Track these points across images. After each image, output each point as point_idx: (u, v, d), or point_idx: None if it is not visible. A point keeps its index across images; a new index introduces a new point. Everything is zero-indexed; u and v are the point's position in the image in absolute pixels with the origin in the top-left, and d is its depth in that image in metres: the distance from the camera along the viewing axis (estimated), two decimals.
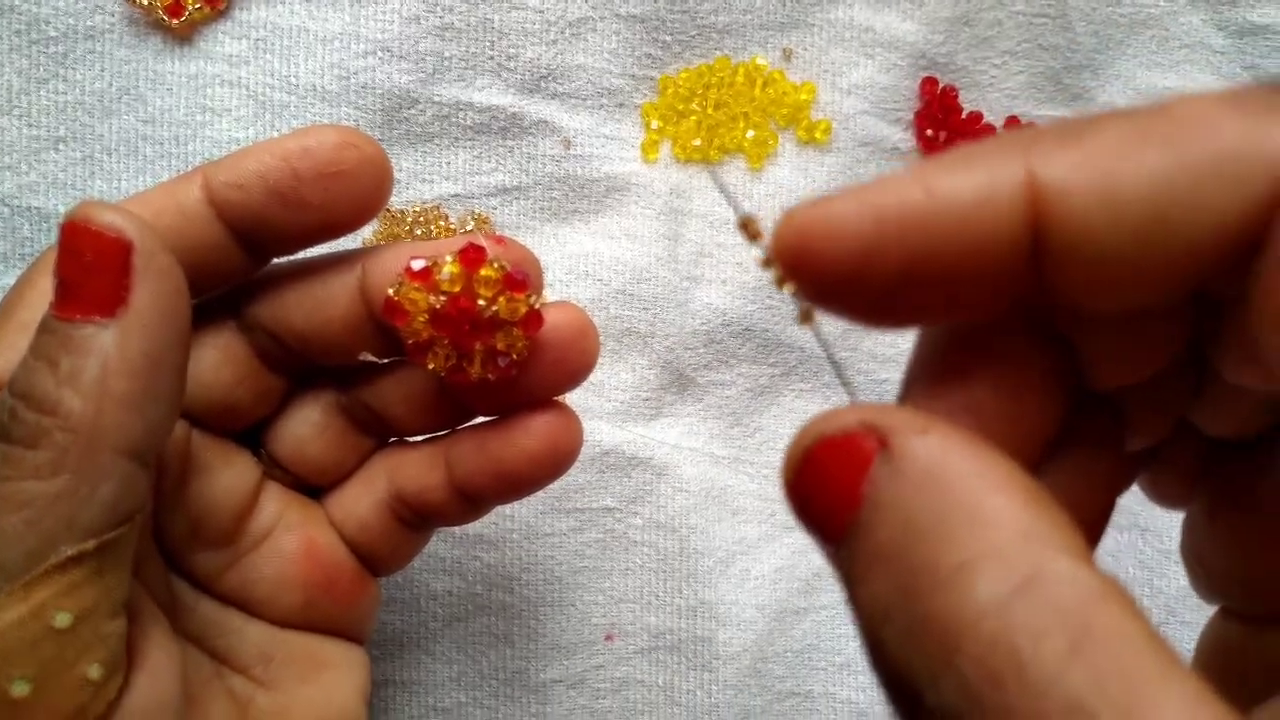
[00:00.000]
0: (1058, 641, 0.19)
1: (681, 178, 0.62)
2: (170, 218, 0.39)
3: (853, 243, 0.24)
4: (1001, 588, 0.20)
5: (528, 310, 0.41)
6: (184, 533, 0.43)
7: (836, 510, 0.24)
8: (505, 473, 0.44)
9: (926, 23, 0.62)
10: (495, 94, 0.60)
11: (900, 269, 0.24)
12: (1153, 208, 0.22)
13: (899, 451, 0.23)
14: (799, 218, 0.25)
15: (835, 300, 0.25)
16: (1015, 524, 0.21)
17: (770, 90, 0.62)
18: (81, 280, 0.33)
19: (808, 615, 0.63)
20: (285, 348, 0.43)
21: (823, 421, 0.25)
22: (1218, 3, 0.65)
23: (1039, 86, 0.65)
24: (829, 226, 0.24)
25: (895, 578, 0.22)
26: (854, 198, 0.24)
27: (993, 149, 0.24)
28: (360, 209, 0.41)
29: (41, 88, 0.57)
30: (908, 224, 0.23)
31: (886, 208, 0.23)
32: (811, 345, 0.64)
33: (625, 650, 0.61)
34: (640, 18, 0.61)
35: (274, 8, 0.58)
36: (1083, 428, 0.29)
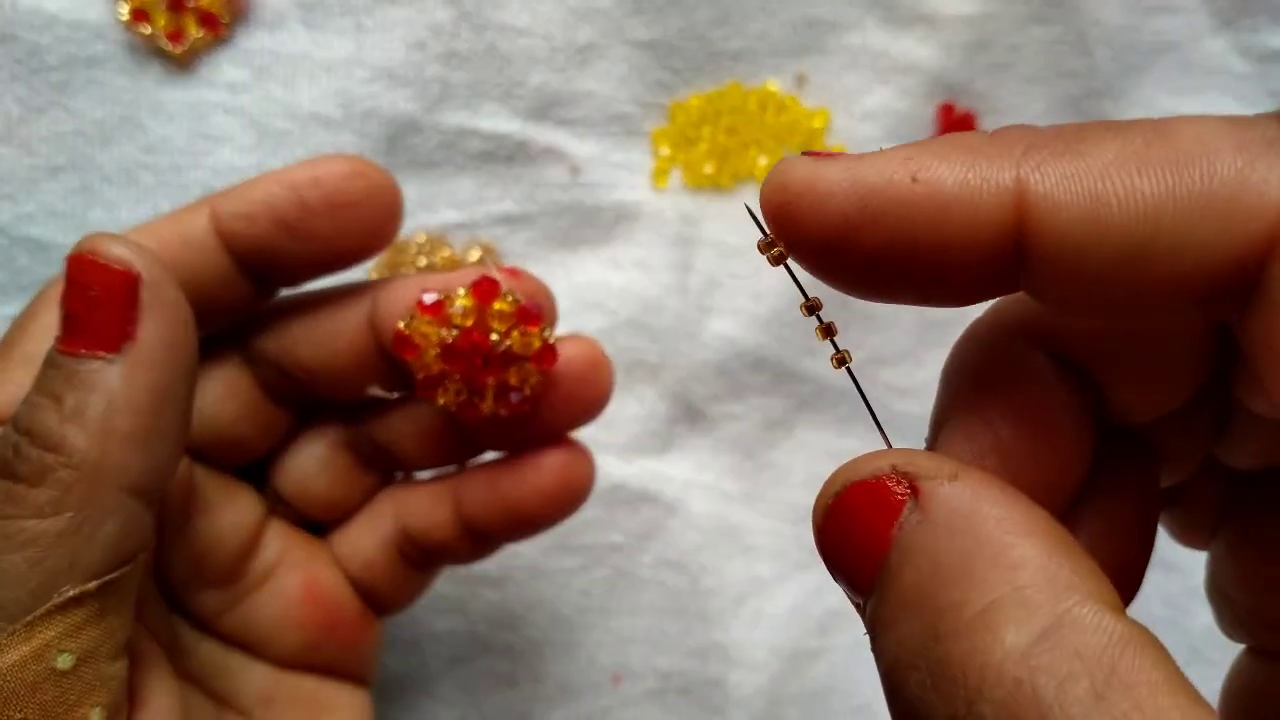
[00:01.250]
0: (1081, 687, 0.19)
1: (692, 206, 0.61)
2: (176, 249, 0.38)
3: (835, 215, 0.24)
4: (1026, 632, 0.20)
5: (541, 345, 0.40)
6: (186, 571, 0.42)
7: (866, 555, 0.24)
8: (515, 511, 0.43)
9: (943, 48, 0.61)
10: (501, 121, 0.59)
11: (880, 247, 0.24)
12: (1139, 236, 0.22)
13: (929, 497, 0.23)
14: (788, 177, 0.25)
15: (816, 265, 0.26)
16: (1041, 569, 0.21)
17: (783, 116, 0.61)
18: (87, 314, 0.32)
19: (823, 656, 0.61)
20: (291, 381, 0.42)
21: (854, 466, 0.25)
22: (1240, 29, 0.64)
23: (1058, 113, 0.63)
24: (815, 194, 0.24)
25: (921, 621, 0.22)
26: (843, 169, 0.24)
27: (987, 146, 0.23)
28: (370, 240, 0.40)
29: (40, 116, 0.56)
30: (890, 206, 0.23)
31: (872, 186, 0.24)
32: (825, 377, 0.62)
33: (633, 693, 0.59)
34: (650, 43, 0.59)
35: (276, 34, 0.57)
36: (1116, 467, 0.28)
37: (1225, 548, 0.32)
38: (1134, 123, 0.23)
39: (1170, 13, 0.63)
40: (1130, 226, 0.22)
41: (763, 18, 0.60)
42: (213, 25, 0.57)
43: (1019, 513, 0.23)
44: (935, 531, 0.23)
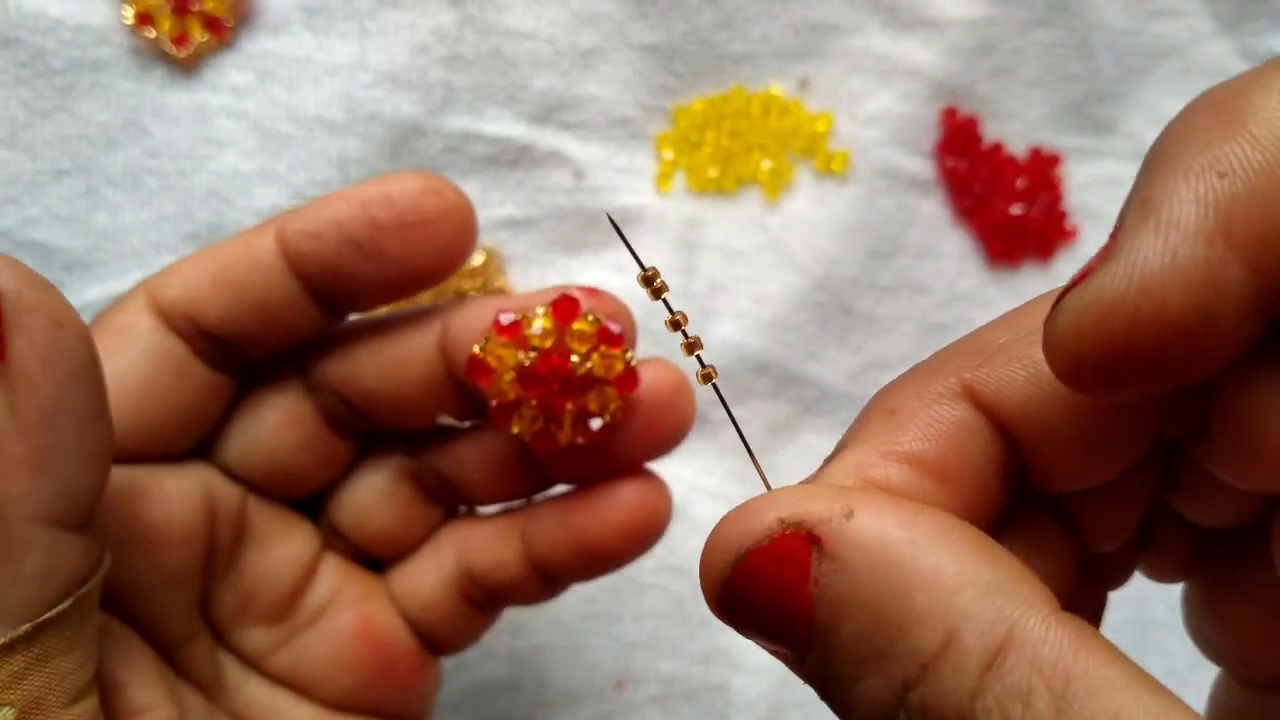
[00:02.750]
0: (1042, 701, 0.20)
1: (696, 209, 0.61)
2: (240, 270, 0.37)
3: (1178, 327, 0.21)
4: (983, 659, 0.21)
5: (624, 367, 0.38)
6: (234, 607, 0.40)
7: (787, 617, 0.23)
8: (589, 548, 0.40)
9: (946, 51, 0.61)
10: (505, 125, 0.59)
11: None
12: None
13: (835, 543, 0.23)
14: (1099, 307, 0.22)
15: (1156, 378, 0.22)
16: (976, 582, 0.21)
17: (786, 120, 0.61)
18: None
19: None
20: (355, 410, 0.40)
21: (741, 528, 0.24)
22: (1241, 32, 0.64)
23: (1061, 116, 0.64)
24: (1151, 308, 0.21)
25: (884, 674, 0.22)
26: (1121, 280, 0.21)
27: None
28: (443, 260, 0.38)
29: (45, 120, 0.56)
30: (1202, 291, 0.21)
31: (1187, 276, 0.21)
32: (829, 381, 0.62)
33: (637, 698, 0.59)
34: (653, 47, 0.59)
35: (280, 38, 0.57)
36: (1026, 535, 0.28)
37: (1197, 589, 0.32)
38: None
39: (1172, 16, 0.63)
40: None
41: (766, 21, 0.60)
42: (217, 29, 0.57)
43: (927, 527, 0.22)
44: (856, 577, 0.22)
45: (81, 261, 0.57)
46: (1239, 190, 0.21)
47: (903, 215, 0.62)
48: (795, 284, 0.61)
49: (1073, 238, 0.64)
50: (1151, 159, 0.23)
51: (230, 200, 0.57)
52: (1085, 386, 0.23)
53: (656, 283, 0.29)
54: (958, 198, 0.63)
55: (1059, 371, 0.23)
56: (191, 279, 0.37)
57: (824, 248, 0.61)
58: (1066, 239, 0.64)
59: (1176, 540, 0.31)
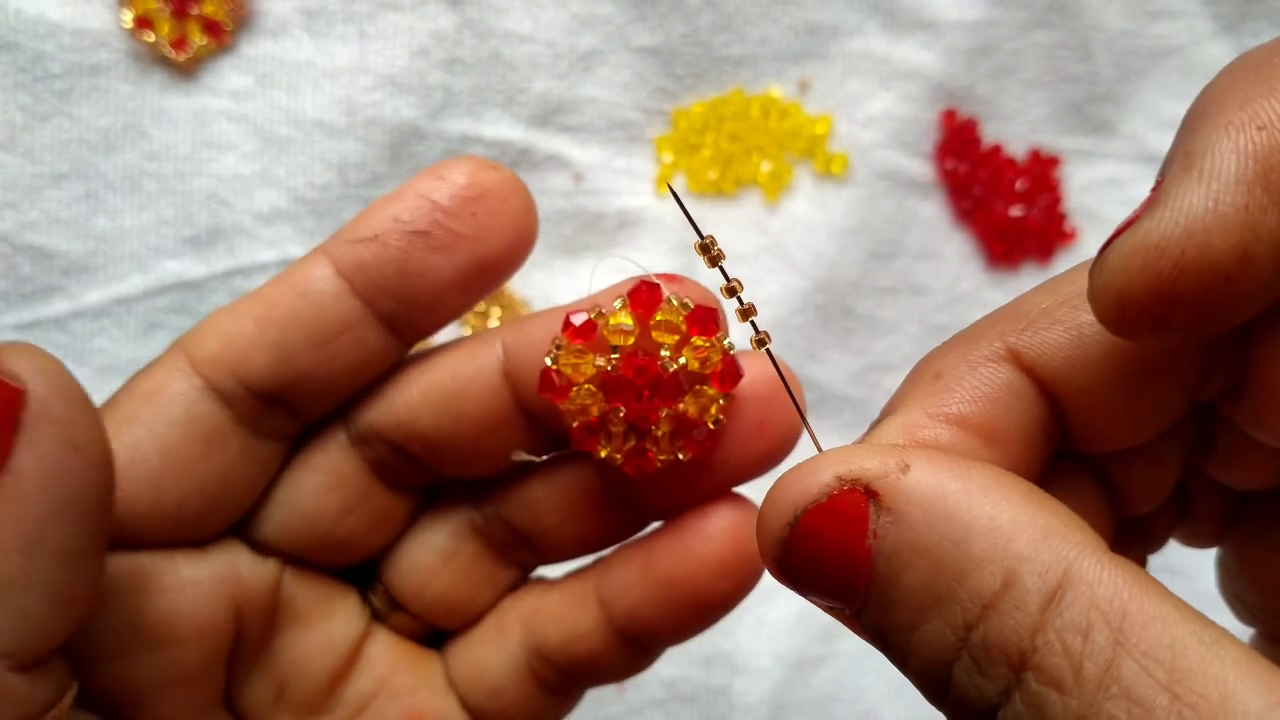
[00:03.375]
0: (1103, 636, 0.21)
1: (695, 211, 0.61)
2: (287, 303, 0.32)
3: (1218, 269, 0.22)
4: (1042, 597, 0.21)
5: (723, 358, 0.31)
6: (266, 699, 0.36)
7: (848, 573, 0.24)
8: (682, 596, 0.34)
9: (945, 53, 0.61)
10: (505, 127, 0.59)
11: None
12: None
13: (891, 497, 0.23)
14: (1151, 247, 0.23)
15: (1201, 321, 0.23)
16: (1031, 527, 0.22)
17: (786, 122, 0.61)
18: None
19: (827, 663, 0.60)
20: (410, 460, 0.35)
21: (799, 488, 0.24)
22: (1241, 33, 0.64)
23: (1060, 118, 0.64)
24: (1197, 250, 0.22)
25: (945, 617, 0.23)
26: (1186, 232, 0.22)
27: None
28: (516, 236, 0.33)
29: (44, 124, 0.56)
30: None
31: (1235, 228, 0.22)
32: (830, 383, 0.62)
33: (638, 700, 0.59)
34: (652, 50, 0.59)
35: (280, 42, 0.57)
36: (1066, 496, 0.28)
37: (1231, 554, 0.32)
38: None
39: (1171, 18, 0.63)
40: None
41: (765, 24, 0.60)
42: (216, 33, 0.57)
43: (980, 479, 0.23)
44: (914, 527, 0.23)
45: (81, 265, 0.56)
46: (1277, 142, 0.22)
47: (903, 217, 0.62)
48: (796, 286, 0.61)
49: (1072, 239, 0.64)
50: (1192, 114, 0.24)
51: (230, 203, 0.57)
52: (1129, 329, 0.23)
53: (714, 250, 0.28)
54: (958, 199, 0.63)
55: (1104, 315, 0.23)
56: (232, 328, 0.33)
57: (824, 250, 0.61)
58: (1066, 240, 0.64)
59: (1211, 505, 0.31)
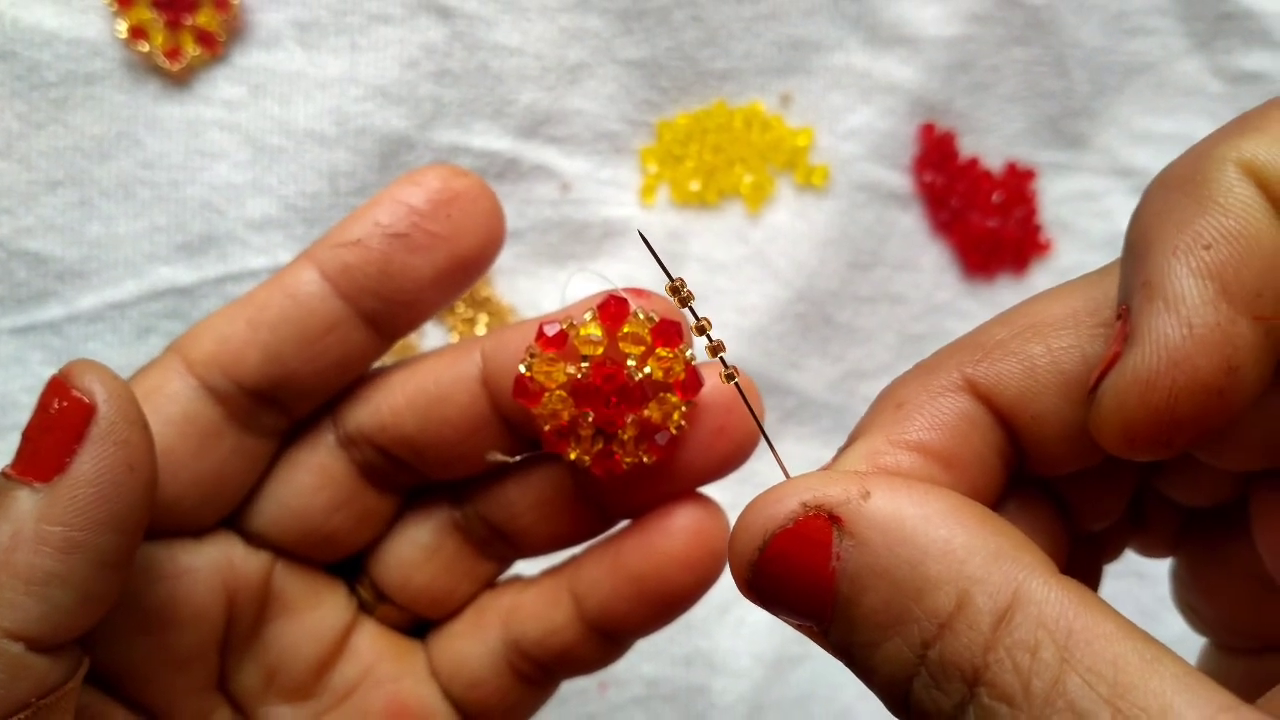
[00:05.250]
0: (1048, 651, 0.22)
1: (679, 221, 0.62)
2: (277, 306, 0.35)
3: (1212, 392, 0.24)
4: (993, 617, 0.23)
5: (685, 368, 0.34)
6: (257, 683, 0.38)
7: (814, 593, 0.25)
8: (649, 591, 0.36)
9: (925, 68, 0.63)
10: (492, 138, 0.60)
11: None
12: None
13: (853, 523, 0.25)
14: (1155, 385, 0.24)
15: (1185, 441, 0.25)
16: (983, 550, 0.24)
17: (768, 135, 0.62)
18: (38, 437, 0.30)
19: (804, 663, 0.62)
20: (395, 461, 0.37)
21: (766, 513, 0.26)
22: (1214, 50, 0.65)
23: (1036, 132, 0.65)
24: (1191, 381, 0.24)
25: (905, 636, 0.24)
26: (1164, 359, 0.24)
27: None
28: (488, 235, 0.36)
29: (39, 132, 0.57)
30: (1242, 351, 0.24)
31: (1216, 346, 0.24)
32: (809, 390, 0.63)
33: (619, 699, 0.60)
34: (638, 63, 0.61)
35: (272, 53, 0.58)
36: (1022, 516, 0.30)
37: (1184, 565, 0.34)
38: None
39: (1146, 34, 0.64)
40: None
41: (749, 38, 0.61)
42: (210, 43, 0.58)
43: (936, 504, 0.25)
44: (874, 551, 0.24)
45: (75, 271, 0.57)
46: (1225, 256, 0.23)
47: (881, 228, 0.63)
48: (776, 295, 0.62)
49: (1047, 251, 0.65)
50: (1134, 243, 0.25)
51: (222, 211, 0.58)
52: (1139, 454, 0.25)
53: (684, 292, 0.30)
54: (935, 211, 0.64)
55: (1112, 447, 0.25)
56: (225, 329, 0.35)
57: (805, 260, 0.62)
58: (1041, 251, 0.65)
59: (1164, 519, 0.33)
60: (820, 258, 0.63)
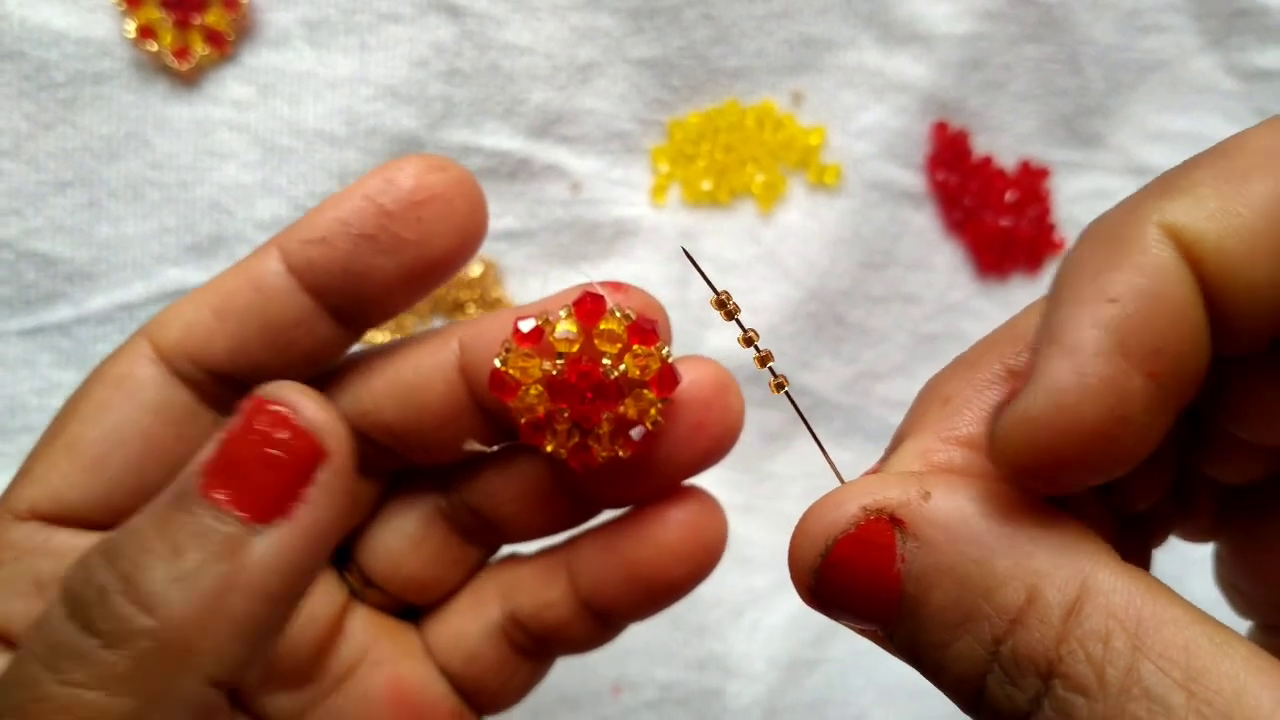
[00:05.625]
0: (1120, 640, 0.23)
1: (691, 221, 0.62)
2: (244, 297, 0.34)
3: (1092, 433, 0.24)
4: (1063, 609, 0.23)
5: (661, 366, 0.34)
6: (255, 671, 0.37)
7: (880, 597, 0.25)
8: (642, 578, 0.37)
9: (937, 66, 0.62)
10: (503, 138, 0.60)
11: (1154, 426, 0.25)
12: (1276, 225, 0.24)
13: (915, 524, 0.25)
14: (1029, 433, 0.24)
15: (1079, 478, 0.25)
16: (1047, 543, 0.24)
17: (780, 133, 0.62)
18: (254, 470, 0.27)
19: (819, 667, 0.61)
20: (376, 447, 0.37)
21: (828, 520, 0.26)
22: (1228, 47, 0.65)
23: (1050, 130, 0.65)
24: (1068, 423, 0.24)
25: (975, 634, 0.24)
26: (1049, 398, 0.24)
27: (1123, 215, 0.25)
28: (462, 238, 0.35)
29: (47, 132, 0.57)
30: (1125, 399, 0.24)
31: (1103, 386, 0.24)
32: (823, 390, 0.63)
33: (633, 703, 0.59)
34: (649, 62, 0.60)
35: (282, 52, 0.58)
36: (1071, 506, 0.30)
37: (1227, 546, 0.34)
38: (1200, 154, 0.25)
39: (1160, 32, 0.64)
40: (1267, 223, 0.24)
41: (760, 36, 0.61)
42: (219, 43, 0.57)
43: (997, 500, 0.25)
44: (939, 550, 0.25)
45: (84, 272, 0.57)
46: (1129, 312, 0.24)
47: (894, 227, 0.63)
48: (789, 295, 0.62)
49: (1061, 249, 0.65)
50: (1054, 288, 0.26)
51: (231, 212, 0.58)
52: (1028, 487, 0.25)
53: (730, 305, 0.30)
54: (948, 210, 0.63)
55: (1005, 475, 0.25)
56: (192, 317, 0.35)
57: (817, 259, 0.62)
58: (1055, 250, 0.65)
59: (1207, 500, 0.33)
60: (832, 257, 0.62)
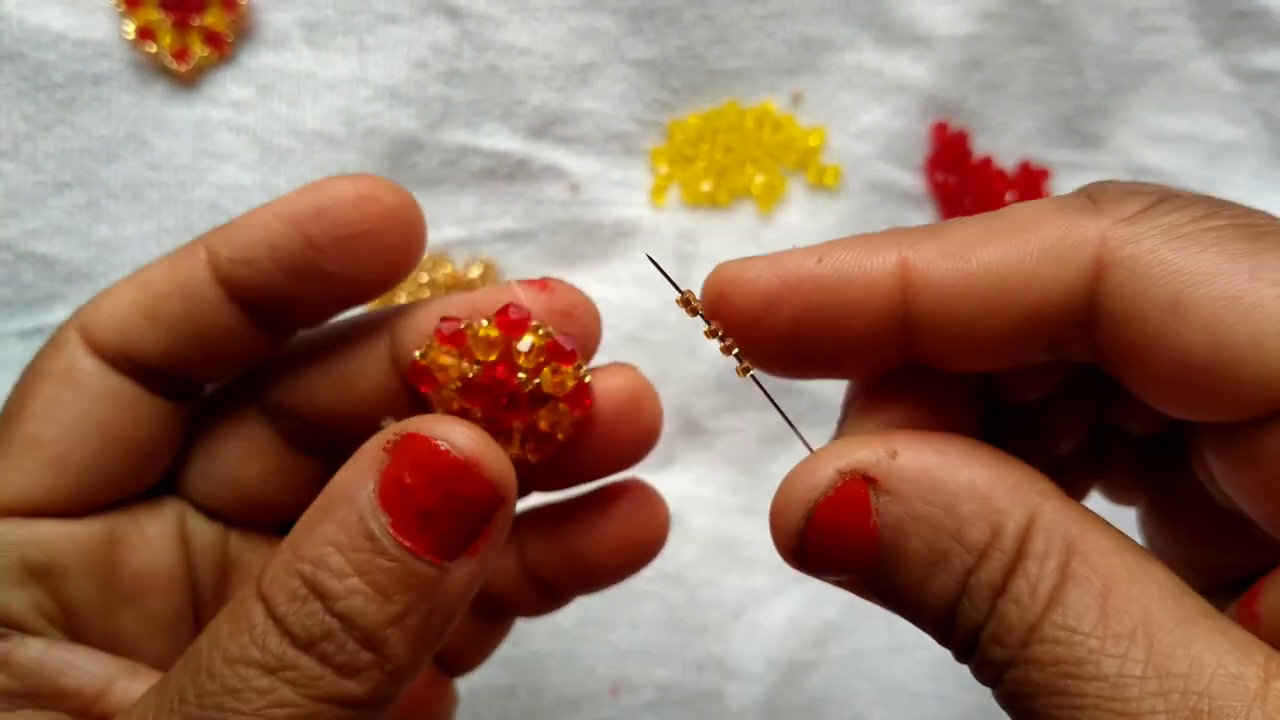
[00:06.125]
0: (1053, 562, 0.26)
1: (690, 222, 0.62)
2: (175, 303, 0.35)
3: (759, 294, 0.29)
4: (1015, 538, 0.27)
5: (575, 384, 0.35)
6: None
7: (859, 548, 0.28)
8: (584, 566, 0.39)
9: (937, 67, 0.62)
10: (502, 139, 0.60)
11: (798, 318, 0.29)
12: (997, 282, 0.28)
13: (887, 479, 0.28)
14: (722, 271, 0.30)
15: (749, 344, 0.30)
16: (1002, 485, 0.28)
17: (780, 134, 0.62)
18: (440, 515, 0.30)
19: (818, 668, 0.61)
20: (317, 430, 0.38)
21: (807, 484, 0.29)
22: (1228, 48, 0.65)
23: (1050, 131, 0.64)
24: (743, 280, 0.30)
25: (947, 571, 0.27)
26: (765, 260, 0.30)
27: (874, 238, 0.29)
28: (390, 271, 0.35)
29: (46, 133, 0.57)
30: (803, 282, 0.29)
31: (788, 268, 0.29)
32: (822, 392, 0.63)
33: (632, 704, 0.59)
34: (648, 62, 0.60)
35: (280, 53, 0.58)
36: (1010, 443, 0.33)
37: (1148, 506, 0.37)
38: (980, 214, 0.29)
39: (1160, 33, 0.64)
40: (988, 277, 0.28)
41: (760, 37, 0.61)
42: (217, 44, 0.57)
43: (955, 452, 0.28)
44: (910, 501, 0.28)
45: (83, 273, 0.57)
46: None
47: None
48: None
49: None
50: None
51: (230, 213, 0.58)
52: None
53: (694, 303, 0.33)
54: (948, 211, 0.63)
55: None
56: (125, 316, 0.35)
57: None
58: None
59: (1124, 460, 0.37)
60: None
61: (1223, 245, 0.27)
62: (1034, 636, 0.26)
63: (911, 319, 0.29)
